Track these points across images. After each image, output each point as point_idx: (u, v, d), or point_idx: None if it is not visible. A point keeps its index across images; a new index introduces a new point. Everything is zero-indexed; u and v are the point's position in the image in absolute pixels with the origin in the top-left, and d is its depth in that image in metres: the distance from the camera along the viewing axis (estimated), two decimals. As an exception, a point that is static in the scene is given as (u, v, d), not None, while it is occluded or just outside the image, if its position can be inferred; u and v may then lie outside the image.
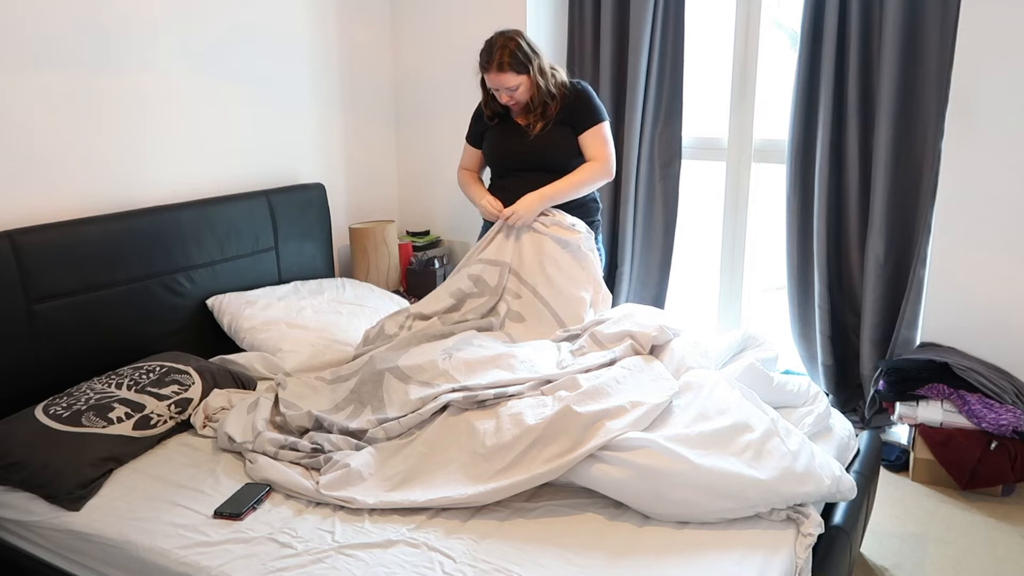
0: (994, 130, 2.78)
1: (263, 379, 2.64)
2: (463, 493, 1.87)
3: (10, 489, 2.03)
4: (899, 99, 2.95)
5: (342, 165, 3.65)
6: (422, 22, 3.71)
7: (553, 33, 3.60)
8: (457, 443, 2.02)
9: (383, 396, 2.23)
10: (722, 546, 1.71)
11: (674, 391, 2.05)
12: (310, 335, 2.77)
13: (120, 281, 2.61)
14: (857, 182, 3.12)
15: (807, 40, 3.07)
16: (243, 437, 2.17)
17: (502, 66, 2.53)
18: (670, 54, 3.41)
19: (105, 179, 2.67)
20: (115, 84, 2.66)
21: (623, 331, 2.32)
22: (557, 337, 2.48)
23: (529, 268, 2.61)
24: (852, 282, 3.24)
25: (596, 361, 2.22)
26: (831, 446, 2.17)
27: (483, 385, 2.13)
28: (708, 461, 1.80)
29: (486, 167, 2.88)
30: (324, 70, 3.47)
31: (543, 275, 2.59)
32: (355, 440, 2.13)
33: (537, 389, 2.13)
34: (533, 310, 2.58)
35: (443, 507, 1.88)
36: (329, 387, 2.40)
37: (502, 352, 2.31)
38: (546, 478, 1.86)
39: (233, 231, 2.97)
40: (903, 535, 2.54)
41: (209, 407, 2.35)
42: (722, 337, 2.46)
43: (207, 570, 1.70)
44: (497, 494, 1.86)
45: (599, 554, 1.70)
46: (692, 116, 3.52)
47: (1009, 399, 2.70)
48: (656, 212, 3.58)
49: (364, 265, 3.52)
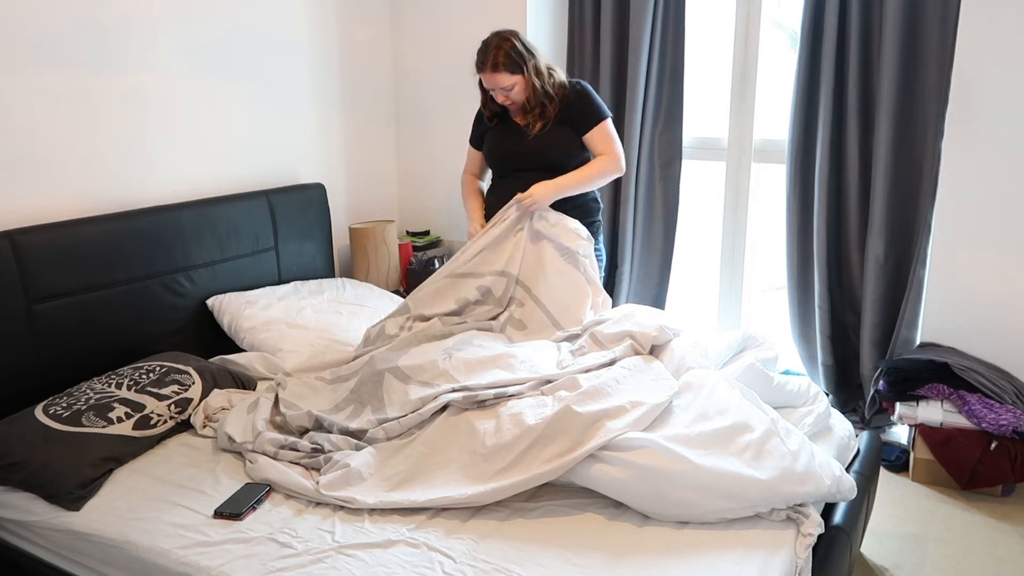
0: (994, 130, 2.78)
1: (263, 379, 2.64)
2: (463, 493, 1.87)
3: (10, 489, 2.03)
4: (899, 99, 2.95)
5: (342, 165, 3.65)
6: (422, 22, 3.72)
7: (553, 33, 3.60)
8: (457, 443, 2.02)
9: (383, 396, 2.23)
10: (722, 546, 1.71)
11: (674, 391, 2.05)
12: (310, 335, 2.77)
13: (120, 281, 2.61)
14: (857, 182, 3.12)
15: (807, 40, 3.07)
16: (243, 437, 2.17)
17: (496, 66, 2.53)
18: (670, 54, 3.41)
19: (105, 179, 2.67)
20: (115, 84, 2.66)
21: (623, 331, 2.32)
22: (557, 337, 2.48)
23: (533, 276, 2.61)
24: (852, 282, 3.24)
25: (596, 361, 2.22)
26: (831, 446, 2.17)
27: (483, 385, 2.13)
28: (708, 461, 1.80)
29: (488, 169, 2.88)
30: (324, 70, 3.47)
31: (546, 284, 2.59)
32: (355, 440, 2.13)
33: (537, 389, 2.13)
34: (535, 317, 2.58)
35: (443, 507, 1.88)
36: (329, 387, 2.40)
37: (502, 352, 2.31)
38: (546, 478, 1.86)
39: (233, 231, 2.97)
40: (903, 535, 2.54)
41: (209, 407, 2.35)
42: (722, 337, 2.46)
43: (207, 570, 1.70)
44: (497, 494, 1.86)
45: (599, 554, 1.70)
46: (692, 116, 3.52)
47: (1009, 399, 2.70)
48: (656, 212, 3.58)
49: (364, 265, 3.52)
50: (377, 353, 2.41)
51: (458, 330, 2.51)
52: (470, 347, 2.35)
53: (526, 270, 2.62)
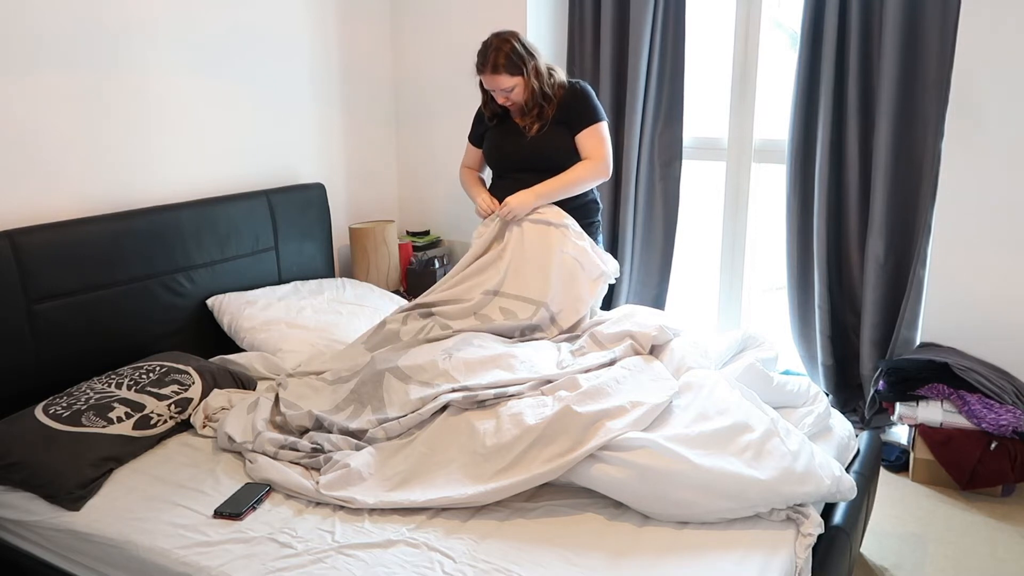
0: (994, 130, 2.78)
1: (263, 379, 2.64)
2: (463, 493, 1.87)
3: (10, 489, 2.02)
4: (899, 99, 2.95)
5: (342, 165, 3.65)
6: (422, 22, 3.71)
7: (553, 33, 3.60)
8: (457, 443, 2.01)
9: (383, 396, 2.23)
10: (722, 546, 1.71)
11: (674, 391, 2.05)
12: (310, 335, 2.77)
13: (120, 281, 2.61)
14: (857, 182, 3.12)
15: (807, 40, 3.07)
16: (243, 437, 2.17)
17: (496, 68, 2.53)
18: (670, 54, 3.41)
19: (105, 179, 2.67)
20: (115, 84, 2.66)
21: (623, 331, 2.32)
22: (557, 337, 2.48)
23: (528, 269, 2.60)
24: (852, 282, 3.24)
25: (596, 361, 2.22)
26: (831, 446, 2.17)
27: (483, 385, 2.13)
28: (708, 461, 1.80)
29: (487, 167, 2.88)
30: (324, 70, 3.47)
31: (542, 274, 2.57)
32: (355, 440, 2.13)
33: (537, 389, 2.13)
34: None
35: (443, 507, 1.88)
36: (330, 387, 2.40)
37: (502, 352, 2.30)
38: (546, 478, 1.86)
39: (233, 231, 2.97)
40: (903, 535, 2.54)
41: (209, 407, 2.35)
42: (722, 337, 2.46)
43: (207, 570, 1.70)
44: (497, 494, 1.86)
45: (599, 554, 1.70)
46: (692, 116, 3.52)
47: (1009, 399, 2.70)
48: (656, 212, 3.58)
49: (364, 265, 3.52)
50: (378, 353, 2.41)
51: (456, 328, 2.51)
52: (470, 347, 2.34)
53: (521, 266, 2.60)
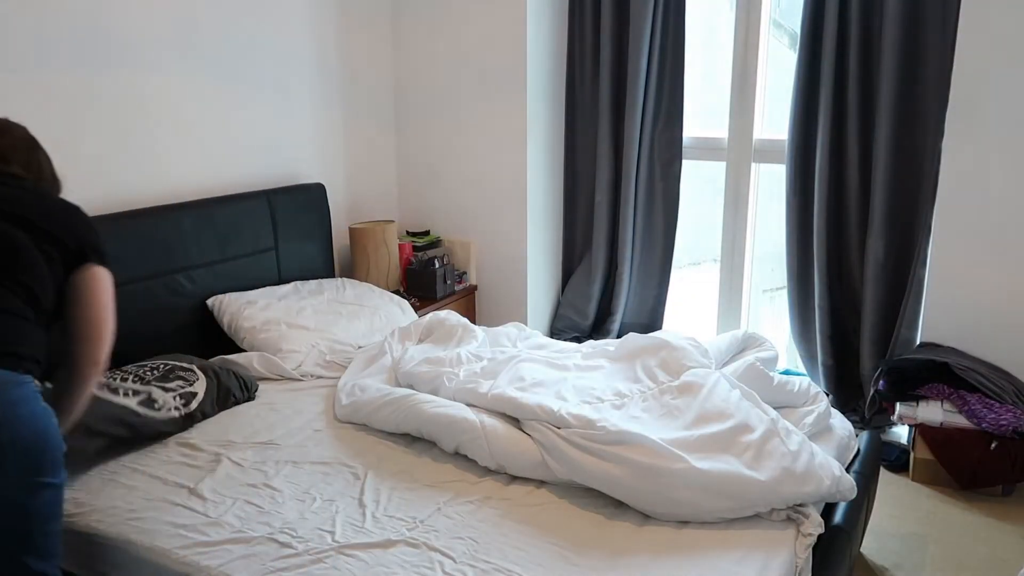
0: (994, 129, 2.78)
1: (263, 379, 2.64)
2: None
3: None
4: (899, 99, 2.95)
5: (342, 165, 3.65)
6: (423, 23, 3.71)
7: (553, 33, 3.60)
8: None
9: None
10: (722, 546, 1.71)
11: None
12: (310, 335, 2.77)
13: (120, 281, 2.60)
14: (857, 182, 3.12)
15: (807, 40, 3.07)
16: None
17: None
18: (670, 54, 3.41)
19: (105, 179, 2.67)
20: (115, 85, 2.66)
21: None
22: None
23: None
24: (852, 282, 3.24)
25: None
26: (831, 446, 2.17)
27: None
28: (708, 461, 1.81)
29: None
30: (325, 70, 3.47)
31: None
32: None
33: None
34: None
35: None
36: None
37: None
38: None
39: (233, 231, 2.97)
40: (903, 535, 2.54)
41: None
42: (722, 337, 2.46)
43: (207, 570, 1.70)
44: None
45: (599, 554, 1.70)
46: (692, 116, 3.52)
47: (1009, 399, 2.70)
48: (656, 212, 3.58)
49: (364, 265, 3.52)
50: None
51: None
52: None
53: None
